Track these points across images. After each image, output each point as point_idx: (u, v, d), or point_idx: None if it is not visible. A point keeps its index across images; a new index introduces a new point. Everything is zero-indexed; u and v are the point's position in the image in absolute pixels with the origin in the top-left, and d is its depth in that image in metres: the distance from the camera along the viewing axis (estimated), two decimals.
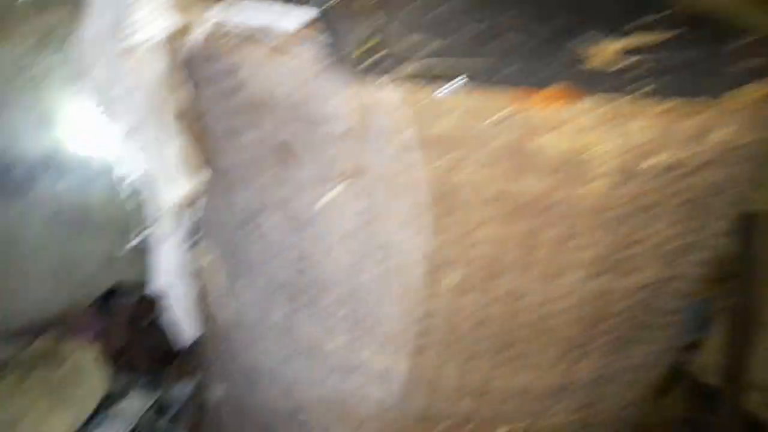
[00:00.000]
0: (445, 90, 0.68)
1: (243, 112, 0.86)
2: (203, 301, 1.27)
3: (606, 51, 0.85)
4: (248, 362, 1.22)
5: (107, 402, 1.33)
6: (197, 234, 1.14)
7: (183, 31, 0.85)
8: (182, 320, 1.27)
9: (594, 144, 0.70)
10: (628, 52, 0.86)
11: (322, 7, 0.83)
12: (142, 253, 2.19)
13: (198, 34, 0.83)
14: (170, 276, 1.16)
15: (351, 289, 0.96)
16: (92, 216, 2.00)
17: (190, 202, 1.02)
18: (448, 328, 0.95)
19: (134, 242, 2.00)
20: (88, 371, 1.37)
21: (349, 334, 1.02)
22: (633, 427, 1.32)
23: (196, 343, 1.39)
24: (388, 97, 0.71)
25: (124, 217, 2.07)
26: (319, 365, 1.08)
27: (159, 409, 1.38)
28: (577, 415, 1.14)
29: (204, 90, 0.93)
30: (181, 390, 1.44)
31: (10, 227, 1.82)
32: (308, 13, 0.81)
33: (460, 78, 0.67)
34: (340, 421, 1.14)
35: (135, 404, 1.35)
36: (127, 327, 1.94)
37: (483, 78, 0.68)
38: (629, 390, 1.17)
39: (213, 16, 0.82)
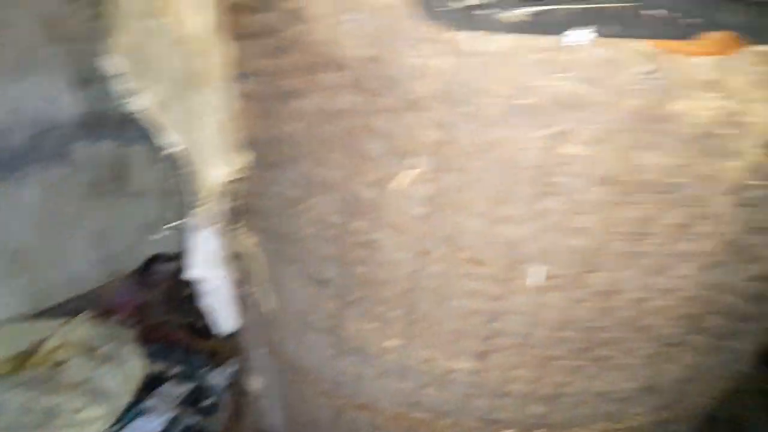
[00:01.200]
0: (564, 41, 0.54)
1: (301, 71, 0.71)
2: (244, 289, 1.17)
3: None
4: (292, 356, 1.11)
5: (143, 392, 1.23)
6: (239, 216, 1.02)
7: None
8: (221, 308, 1.17)
9: (751, 110, 0.56)
10: None
11: None
12: (181, 223, 2.10)
13: None
14: (208, 262, 1.04)
15: (410, 285, 0.83)
16: (130, 184, 1.89)
17: (232, 183, 0.89)
18: (523, 330, 0.83)
19: (172, 225, 1.91)
20: (125, 358, 1.26)
21: (405, 334, 0.89)
22: (706, 422, 1.22)
23: (236, 331, 1.30)
24: (489, 50, 0.57)
25: (162, 186, 1.97)
26: (370, 365, 0.97)
27: (195, 399, 1.27)
28: (657, 416, 1.03)
29: (254, 45, 0.79)
30: (218, 376, 1.34)
31: (47, 194, 1.69)
32: None
33: (586, 27, 0.53)
34: (390, 423, 1.03)
35: (172, 393, 1.25)
36: (165, 301, 1.85)
37: (615, 26, 0.53)
38: (713, 387, 1.07)
39: None
